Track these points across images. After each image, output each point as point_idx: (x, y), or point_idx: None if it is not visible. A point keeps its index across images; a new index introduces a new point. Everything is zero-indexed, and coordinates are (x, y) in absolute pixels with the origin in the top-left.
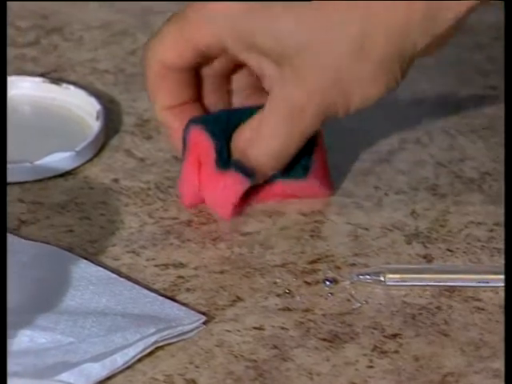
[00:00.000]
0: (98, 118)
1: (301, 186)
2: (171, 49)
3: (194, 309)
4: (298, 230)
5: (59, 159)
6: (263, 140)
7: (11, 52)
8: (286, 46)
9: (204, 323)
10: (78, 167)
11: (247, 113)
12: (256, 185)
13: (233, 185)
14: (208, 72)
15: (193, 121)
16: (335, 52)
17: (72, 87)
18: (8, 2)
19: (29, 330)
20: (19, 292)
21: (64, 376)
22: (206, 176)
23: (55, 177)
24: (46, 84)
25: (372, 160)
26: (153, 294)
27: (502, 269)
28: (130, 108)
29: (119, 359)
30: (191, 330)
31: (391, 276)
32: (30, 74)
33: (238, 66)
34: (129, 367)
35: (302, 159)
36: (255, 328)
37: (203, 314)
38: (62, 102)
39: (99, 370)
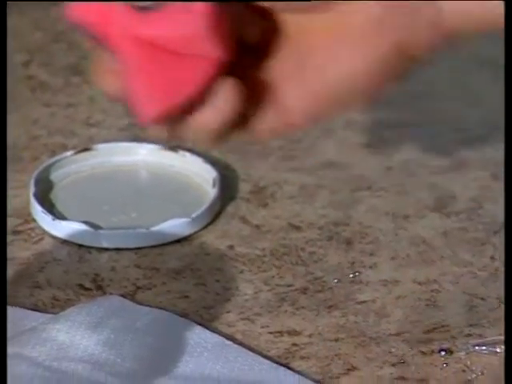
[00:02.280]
0: (214, 185)
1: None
2: None
3: (307, 376)
4: (414, 299)
5: (176, 225)
6: None
7: (129, 120)
8: None
9: None
10: (194, 234)
11: None
12: None
13: None
14: None
15: None
16: None
17: (188, 154)
18: None
19: None
20: (134, 358)
21: None
22: None
23: (171, 243)
24: (164, 151)
25: (488, 230)
26: (267, 361)
27: None
28: (246, 175)
29: None
30: None
31: None
32: (147, 141)
33: None
34: None
35: None
36: None
37: (317, 382)
38: (179, 169)
39: None
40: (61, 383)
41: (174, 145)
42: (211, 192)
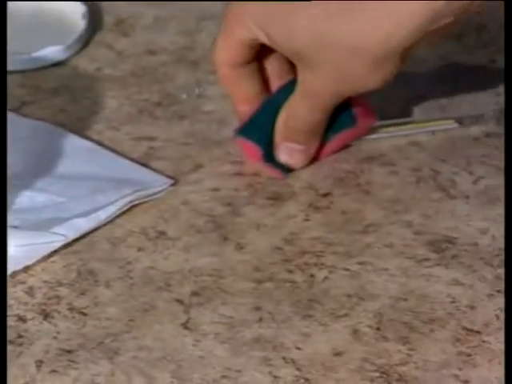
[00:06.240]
0: (83, 17)
1: (354, 131)
2: (222, 49)
3: (163, 174)
4: None
5: (53, 51)
6: (294, 115)
7: None
8: (298, 44)
9: (171, 185)
10: (69, 58)
11: (280, 96)
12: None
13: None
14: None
15: (237, 131)
16: (335, 49)
17: None
18: None
19: (29, 191)
20: (21, 161)
21: (57, 229)
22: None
23: (50, 66)
24: None
25: None
26: (130, 162)
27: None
28: (110, 9)
29: (102, 215)
30: (161, 191)
31: None
32: None
33: None
34: (110, 222)
35: (347, 110)
36: (213, 189)
37: (171, 177)
38: (52, 5)
39: (86, 223)
40: None
41: None
42: (81, 23)
